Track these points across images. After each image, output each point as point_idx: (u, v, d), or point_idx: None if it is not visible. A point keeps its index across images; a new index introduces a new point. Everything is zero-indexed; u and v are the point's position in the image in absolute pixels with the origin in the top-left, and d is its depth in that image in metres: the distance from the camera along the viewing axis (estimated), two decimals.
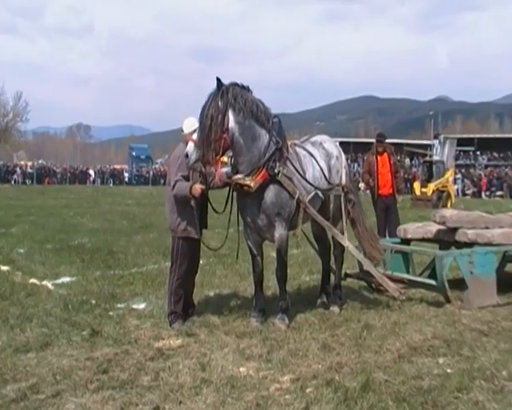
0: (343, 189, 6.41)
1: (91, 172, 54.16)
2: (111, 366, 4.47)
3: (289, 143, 6.09)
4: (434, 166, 27.59)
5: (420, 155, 44.33)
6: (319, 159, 6.26)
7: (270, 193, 5.64)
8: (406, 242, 7.69)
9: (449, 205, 24.78)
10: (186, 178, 5.60)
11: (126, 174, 54.87)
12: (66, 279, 7.78)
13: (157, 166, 65.85)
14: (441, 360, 4.67)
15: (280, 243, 5.80)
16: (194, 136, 5.52)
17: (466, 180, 37.72)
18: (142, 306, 6.43)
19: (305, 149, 6.28)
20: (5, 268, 8.39)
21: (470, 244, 6.85)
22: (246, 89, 5.68)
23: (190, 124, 5.69)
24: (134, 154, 62.51)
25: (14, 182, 47.53)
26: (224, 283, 7.70)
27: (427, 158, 33.43)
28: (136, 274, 8.22)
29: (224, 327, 5.59)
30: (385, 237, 9.14)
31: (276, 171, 5.61)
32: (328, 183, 6.25)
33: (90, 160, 69.40)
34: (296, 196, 5.74)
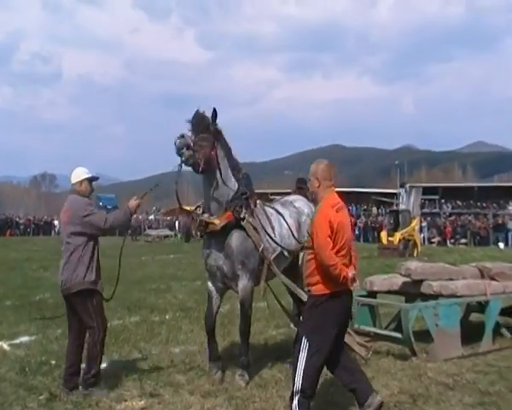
0: None
1: (56, 222, 53.21)
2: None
3: (258, 201, 6.05)
4: (400, 215, 28.02)
5: (386, 204, 45.11)
6: (287, 216, 6.21)
7: (235, 239, 5.57)
8: (372, 294, 7.71)
9: (415, 254, 25.11)
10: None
11: None
12: (24, 339, 7.48)
13: None
14: None
15: (243, 294, 5.67)
16: (189, 134, 5.43)
17: (432, 228, 38.40)
18: (103, 365, 6.21)
19: (273, 208, 6.27)
20: None
21: (435, 296, 6.90)
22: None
23: (78, 174, 5.39)
24: (101, 204, 61.95)
25: None
26: (189, 338, 7.56)
27: (394, 207, 34.03)
28: None
29: (188, 386, 5.46)
30: None
31: (241, 215, 5.58)
32: (298, 241, 6.12)
33: (55, 210, 68.36)
34: (260, 249, 5.65)
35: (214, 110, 5.52)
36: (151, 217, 52.07)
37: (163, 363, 6.22)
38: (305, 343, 4.27)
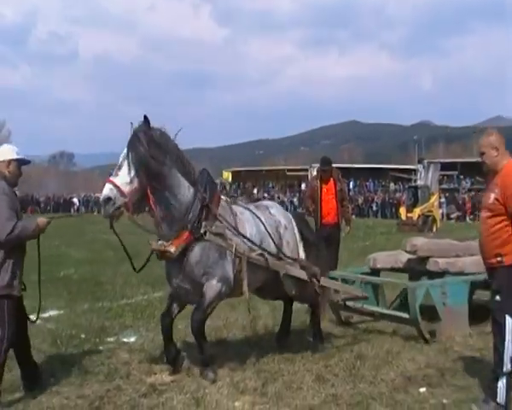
0: (303, 267, 5.67)
1: (75, 200, 53.77)
2: (103, 404, 4.40)
3: (224, 198, 5.46)
4: (419, 191, 27.90)
5: (404, 180, 44.79)
6: (264, 221, 5.56)
7: (194, 254, 4.93)
8: (376, 272, 7.39)
9: (434, 229, 25.03)
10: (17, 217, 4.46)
11: None
12: (53, 313, 7.67)
13: None
14: (436, 390, 4.66)
15: (207, 290, 5.01)
16: (116, 178, 4.71)
17: (450, 204, 38.10)
18: (132, 339, 6.36)
19: (245, 208, 5.65)
20: None
21: (441, 273, 6.71)
22: (167, 134, 5.04)
23: (6, 152, 4.58)
24: None
25: None
26: (214, 313, 7.61)
27: (412, 183, 33.81)
28: (125, 306, 8.13)
29: (215, 359, 5.51)
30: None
31: (201, 232, 4.94)
32: (278, 250, 5.57)
33: (74, 188, 68.86)
34: (233, 249, 5.06)
35: (145, 118, 4.84)
36: None
37: (189, 337, 6.29)
38: (510, 324, 4.06)
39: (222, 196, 5.43)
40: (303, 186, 45.65)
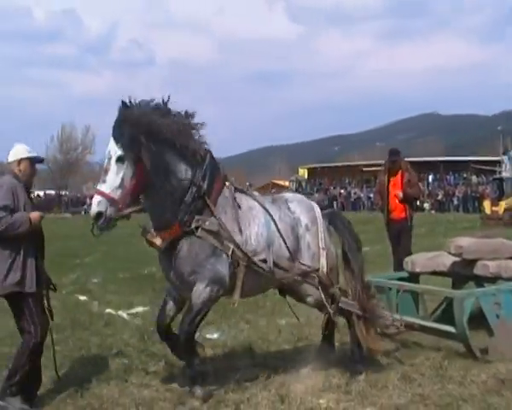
0: (320, 279, 4.82)
1: None
2: (190, 398, 4.50)
3: (229, 187, 4.68)
4: (505, 184, 26.55)
5: (487, 173, 42.81)
6: (277, 218, 4.75)
7: (183, 248, 4.42)
8: (414, 276, 6.61)
9: None
10: (12, 211, 4.33)
11: None
12: (139, 309, 7.98)
13: None
14: None
15: (194, 298, 4.49)
16: (103, 186, 4.24)
17: None
18: (215, 335, 6.49)
19: (256, 201, 4.82)
20: (83, 298, 8.71)
21: (493, 279, 5.92)
22: (164, 109, 4.44)
23: (16, 152, 4.58)
24: None
25: (85, 212, 49.50)
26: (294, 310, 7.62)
27: (497, 175, 32.23)
28: None
29: (298, 356, 5.52)
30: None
31: (193, 226, 4.38)
32: (292, 258, 4.75)
33: None
34: (230, 252, 4.45)
35: (123, 103, 4.31)
36: None
37: (271, 334, 6.35)
38: None
39: (227, 184, 4.70)
40: None
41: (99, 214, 4.20)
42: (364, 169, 54.54)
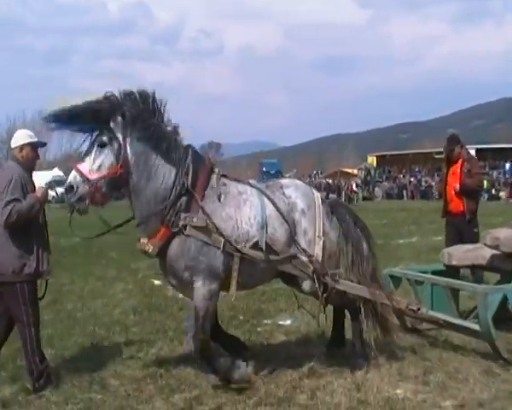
0: (314, 267, 4.64)
1: None
2: (266, 383, 4.54)
3: (216, 175, 4.61)
4: None
5: None
6: (268, 203, 4.62)
7: (172, 247, 4.37)
8: (451, 269, 6.08)
9: None
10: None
11: None
12: None
13: None
14: None
15: (195, 300, 4.42)
16: (82, 164, 4.30)
17: None
18: (288, 322, 6.50)
19: (248, 185, 4.76)
20: (158, 282, 8.96)
21: None
22: (148, 101, 4.44)
23: (17, 138, 4.56)
24: (264, 169, 63.98)
25: None
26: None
27: None
28: (279, 290, 8.31)
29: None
30: None
31: (180, 225, 4.32)
32: (287, 243, 4.62)
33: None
34: (221, 245, 4.35)
35: (108, 94, 4.36)
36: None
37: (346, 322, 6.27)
38: None
39: (215, 171, 4.63)
40: None
41: (71, 187, 4.25)
42: (436, 156, 52.73)
